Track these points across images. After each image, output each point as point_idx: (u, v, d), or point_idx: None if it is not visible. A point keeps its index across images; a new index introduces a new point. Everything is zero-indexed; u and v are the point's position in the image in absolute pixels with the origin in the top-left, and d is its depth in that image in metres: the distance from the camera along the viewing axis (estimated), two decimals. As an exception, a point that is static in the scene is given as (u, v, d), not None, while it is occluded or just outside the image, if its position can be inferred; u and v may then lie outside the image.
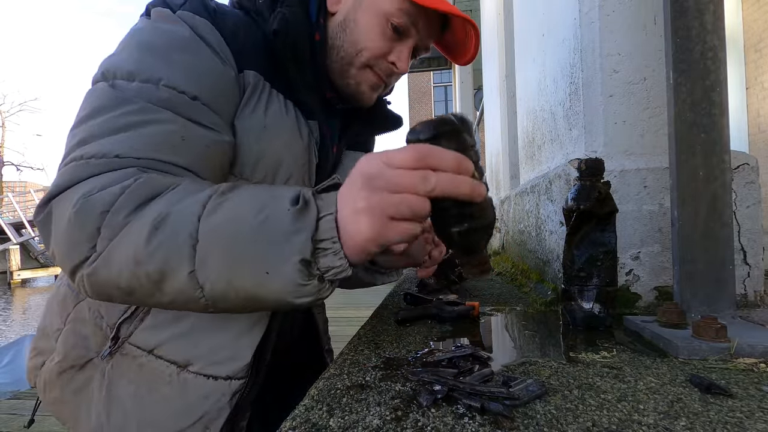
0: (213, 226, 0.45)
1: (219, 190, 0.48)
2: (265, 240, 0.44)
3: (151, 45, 0.56)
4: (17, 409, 3.27)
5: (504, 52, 2.56)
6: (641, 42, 0.91)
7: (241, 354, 0.62)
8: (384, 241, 0.43)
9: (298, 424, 0.40)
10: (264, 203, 0.45)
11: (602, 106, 0.92)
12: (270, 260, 0.44)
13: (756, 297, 0.84)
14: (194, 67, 0.56)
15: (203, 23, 0.59)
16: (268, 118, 0.63)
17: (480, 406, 0.40)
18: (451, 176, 0.41)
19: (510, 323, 0.79)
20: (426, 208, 0.42)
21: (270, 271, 0.44)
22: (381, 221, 0.42)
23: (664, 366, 0.53)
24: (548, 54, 1.24)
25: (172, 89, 0.54)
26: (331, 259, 0.44)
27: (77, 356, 0.63)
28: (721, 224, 0.72)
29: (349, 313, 5.37)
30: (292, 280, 0.44)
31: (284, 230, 0.43)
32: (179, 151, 0.53)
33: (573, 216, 0.71)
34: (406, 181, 0.41)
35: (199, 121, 0.55)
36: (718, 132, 0.72)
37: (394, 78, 0.74)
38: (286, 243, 0.43)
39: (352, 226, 0.43)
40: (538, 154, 1.42)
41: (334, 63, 0.70)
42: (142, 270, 0.45)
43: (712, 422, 0.39)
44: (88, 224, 0.46)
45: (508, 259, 1.67)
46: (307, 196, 0.46)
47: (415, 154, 0.42)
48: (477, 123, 5.07)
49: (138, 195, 0.47)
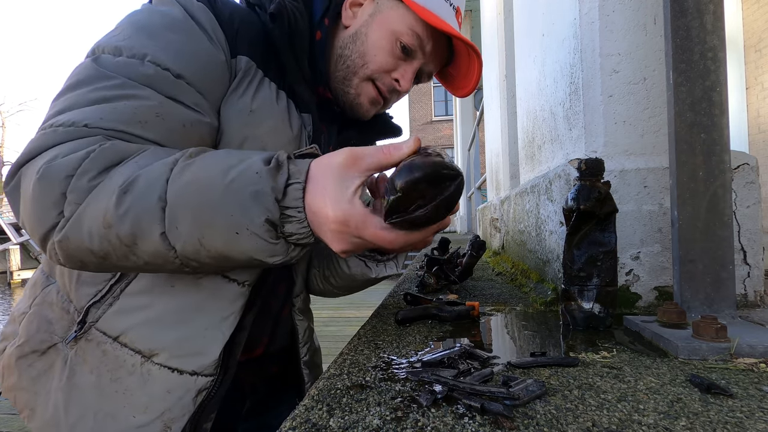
0: (181, 187, 0.45)
1: (187, 153, 0.49)
2: (233, 200, 0.45)
3: (142, 24, 0.56)
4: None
5: (504, 52, 2.56)
6: (641, 42, 0.91)
7: (209, 349, 0.60)
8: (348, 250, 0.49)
9: (298, 424, 0.40)
10: (232, 164, 0.47)
11: (602, 106, 0.92)
12: (238, 220, 0.45)
13: (756, 297, 0.84)
14: (183, 47, 0.56)
15: (199, 7, 0.59)
16: (255, 102, 0.63)
17: (480, 406, 0.40)
18: None
19: (510, 323, 0.79)
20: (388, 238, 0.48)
21: (240, 231, 0.46)
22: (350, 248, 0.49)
23: (664, 366, 0.53)
24: (548, 54, 1.24)
25: (157, 65, 0.54)
26: (296, 226, 0.47)
27: (40, 340, 0.62)
28: (721, 224, 0.72)
29: (349, 313, 5.37)
30: (262, 239, 0.46)
31: (253, 190, 0.45)
32: (150, 127, 0.53)
33: (573, 216, 0.71)
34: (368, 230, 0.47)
35: (180, 100, 0.55)
36: (718, 132, 0.72)
37: (395, 96, 0.75)
38: (255, 203, 0.45)
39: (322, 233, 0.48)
40: (538, 154, 1.42)
41: (339, 71, 0.71)
42: (113, 233, 0.46)
43: (712, 422, 0.39)
44: (53, 190, 0.46)
45: (508, 259, 1.67)
46: (281, 159, 0.47)
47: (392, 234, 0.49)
48: (477, 123, 5.07)
49: (103, 159, 0.47)
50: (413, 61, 0.71)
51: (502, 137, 2.60)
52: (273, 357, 0.80)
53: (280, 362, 0.83)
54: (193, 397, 0.59)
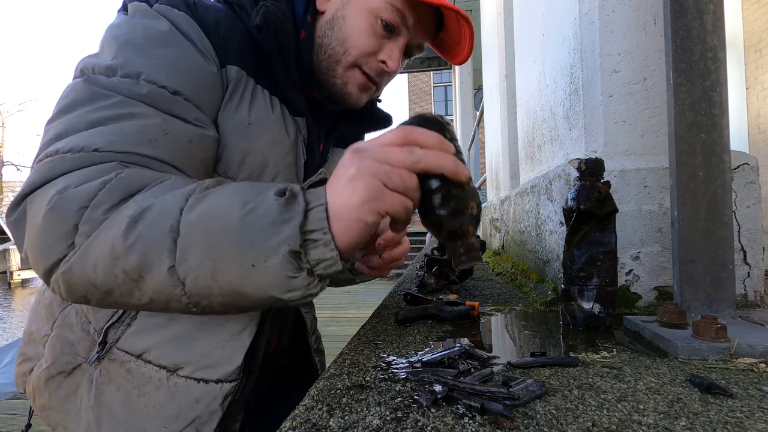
0: (196, 218, 0.43)
1: (204, 184, 0.47)
2: (251, 231, 0.42)
3: (129, 40, 0.54)
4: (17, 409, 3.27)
5: (504, 52, 2.56)
6: (641, 42, 0.91)
7: (232, 357, 0.61)
8: (379, 207, 0.42)
9: (298, 424, 0.40)
10: (249, 196, 0.44)
11: (602, 106, 0.92)
12: (256, 252, 0.42)
13: (756, 297, 0.84)
14: (175, 62, 0.55)
15: (182, 17, 0.57)
16: (253, 115, 0.62)
17: (480, 406, 0.40)
18: (436, 152, 0.43)
19: (510, 323, 0.79)
20: (414, 182, 0.43)
21: (256, 264, 0.42)
22: (376, 184, 0.41)
23: (664, 366, 0.53)
24: (548, 54, 1.24)
25: (153, 84, 0.52)
26: (322, 251, 0.42)
27: (65, 362, 0.62)
28: (721, 224, 0.72)
29: (349, 313, 5.37)
30: (281, 272, 0.42)
31: (271, 220, 0.42)
32: (161, 146, 0.52)
33: (573, 216, 0.71)
34: (394, 153, 0.42)
35: (181, 116, 0.54)
36: (718, 132, 0.72)
37: (386, 78, 0.71)
38: (274, 233, 0.42)
39: (347, 194, 0.42)
40: (538, 154, 1.42)
41: (322, 62, 0.68)
42: (120, 266, 0.43)
43: (712, 422, 0.39)
44: (65, 222, 0.44)
45: (508, 259, 1.67)
46: (294, 189, 0.44)
47: (400, 132, 0.44)
48: (477, 123, 5.07)
49: (120, 189, 0.45)
50: (398, 38, 0.66)
51: (502, 137, 2.60)
52: (282, 351, 0.82)
53: (288, 354, 0.85)
54: (220, 403, 0.60)
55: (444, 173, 0.43)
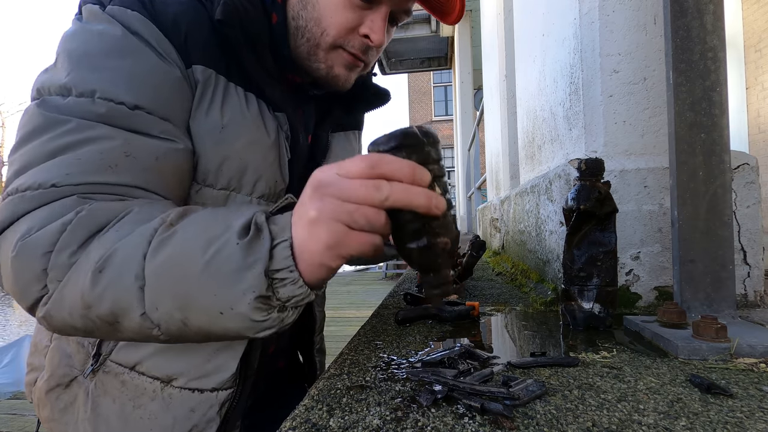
0: (159, 266, 0.42)
1: (168, 219, 0.44)
2: (215, 279, 0.40)
3: (82, 52, 0.50)
4: (17, 409, 3.27)
5: (504, 52, 2.56)
6: (641, 42, 0.91)
7: (226, 365, 0.59)
8: (344, 252, 0.40)
9: (298, 424, 0.40)
10: (213, 236, 0.42)
11: (602, 106, 0.92)
12: (223, 300, 0.41)
13: (756, 297, 0.84)
14: (132, 72, 0.51)
15: (136, 18, 0.52)
16: (226, 116, 0.57)
17: (480, 406, 0.40)
18: (406, 186, 0.39)
19: (510, 323, 0.79)
20: (381, 220, 0.39)
21: (224, 312, 0.41)
22: (338, 229, 0.39)
23: (664, 366, 0.53)
24: (548, 54, 1.24)
25: (109, 101, 0.49)
26: (290, 288, 0.41)
27: (62, 374, 0.62)
28: (721, 224, 0.72)
29: (349, 313, 5.37)
30: (249, 317, 0.41)
31: (235, 267, 0.40)
32: (123, 170, 0.48)
33: (573, 216, 0.71)
34: (359, 190, 0.38)
35: (145, 132, 0.51)
36: (718, 132, 0.72)
37: (372, 53, 0.64)
38: (238, 281, 0.40)
39: (309, 240, 0.40)
40: (538, 154, 1.42)
41: (301, 47, 0.62)
42: (94, 313, 0.43)
43: (712, 422, 0.39)
44: (33, 268, 0.43)
45: (508, 259, 1.67)
46: (259, 222, 0.42)
47: (368, 162, 0.39)
48: (477, 123, 5.06)
49: (82, 229, 0.43)
50: (380, 7, 0.59)
51: (502, 137, 2.61)
52: (281, 352, 0.80)
53: (287, 355, 0.84)
54: (217, 411, 0.60)
55: (415, 210, 0.39)
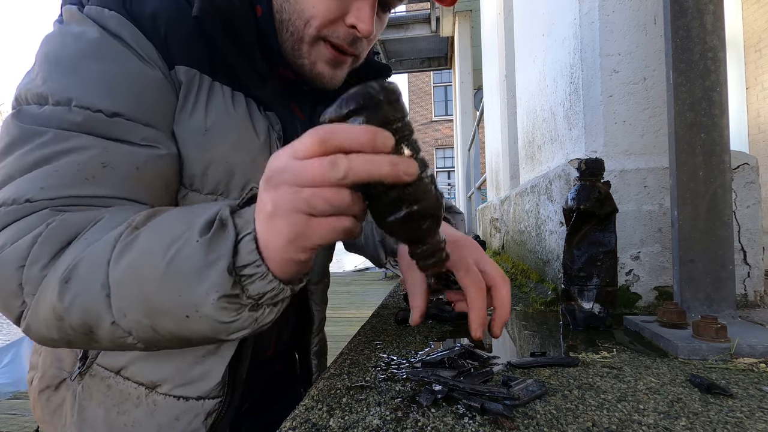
0: (122, 272, 0.40)
1: (134, 223, 0.43)
2: (175, 281, 0.39)
3: (59, 57, 0.48)
4: (17, 409, 3.27)
5: (504, 52, 2.56)
6: (641, 42, 0.91)
7: (211, 373, 0.57)
8: (308, 243, 0.36)
9: (298, 424, 0.40)
10: (175, 236, 0.40)
11: (602, 106, 0.92)
12: (186, 303, 0.39)
13: (756, 297, 0.84)
14: (109, 77, 0.48)
15: (114, 18, 0.50)
16: (210, 118, 0.55)
17: (480, 406, 0.40)
18: (366, 157, 0.34)
19: (510, 323, 0.79)
20: (345, 199, 0.35)
21: (189, 315, 0.39)
22: (298, 220, 0.35)
23: (664, 366, 0.53)
24: (548, 54, 1.24)
25: (86, 109, 0.47)
26: (260, 284, 0.38)
27: (52, 376, 0.61)
28: (721, 224, 0.72)
29: (349, 313, 5.37)
30: (217, 319, 0.39)
31: (196, 266, 0.38)
32: (100, 181, 0.47)
33: (573, 216, 0.71)
34: (313, 171, 0.34)
35: (125, 139, 0.49)
36: (718, 132, 0.72)
37: (362, 45, 0.59)
38: (200, 280, 0.38)
39: (270, 234, 0.37)
40: (538, 154, 1.42)
41: (286, 42, 0.58)
42: (67, 324, 0.42)
43: (712, 422, 0.39)
44: (10, 283, 0.43)
45: (508, 259, 1.67)
46: (224, 217, 0.40)
47: (318, 136, 0.34)
48: (477, 123, 5.07)
49: (52, 241, 0.43)
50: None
51: (502, 137, 2.61)
52: (279, 355, 0.79)
53: (285, 358, 0.82)
54: (203, 420, 0.58)
55: (381, 180, 0.35)
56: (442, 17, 6.59)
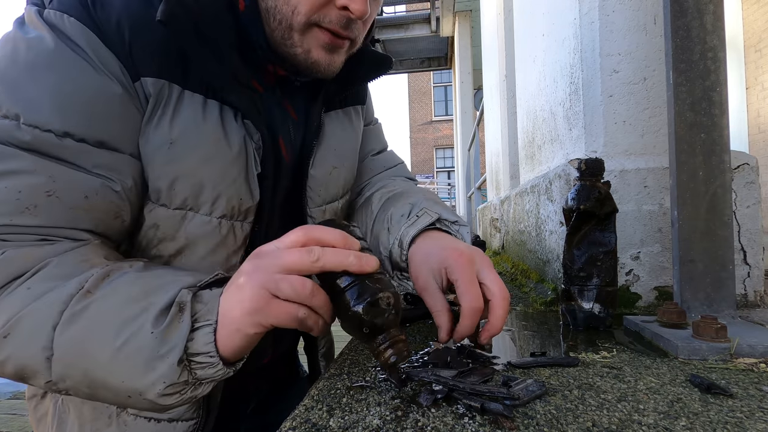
0: (69, 341, 0.40)
1: (86, 285, 0.42)
2: (123, 368, 0.40)
3: (9, 64, 0.44)
4: (17, 409, 3.27)
5: (504, 52, 2.56)
6: (641, 42, 0.91)
7: None
8: (263, 320, 0.41)
9: (298, 424, 0.40)
10: (128, 317, 0.41)
11: (602, 106, 0.92)
12: (130, 388, 0.40)
13: (756, 297, 0.84)
14: (61, 91, 0.44)
15: (74, 26, 0.45)
16: (176, 130, 0.50)
17: (480, 406, 0.40)
18: (337, 249, 0.42)
19: (510, 323, 0.79)
20: (307, 289, 0.41)
21: (132, 396, 0.41)
22: (261, 295, 0.40)
23: (664, 366, 0.53)
24: (548, 54, 1.24)
25: (35, 128, 0.43)
26: (209, 371, 0.42)
27: None
28: (721, 224, 0.72)
29: (349, 313, 5.36)
30: (158, 403, 0.41)
31: (146, 357, 0.40)
32: (42, 212, 0.43)
33: (573, 216, 0.71)
34: (291, 255, 0.41)
35: (75, 164, 0.45)
36: (718, 132, 0.72)
37: (357, 27, 0.55)
38: (148, 371, 0.40)
39: (232, 304, 0.41)
40: (538, 154, 1.42)
41: (275, 32, 0.53)
42: (4, 371, 0.42)
43: (712, 422, 0.39)
44: None
45: (508, 259, 1.67)
46: (182, 302, 0.41)
47: (302, 230, 0.43)
48: (477, 123, 5.07)
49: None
50: None
51: (502, 137, 2.61)
52: (279, 360, 0.78)
53: (287, 364, 0.82)
54: None
55: (347, 269, 0.42)
56: (442, 17, 6.59)
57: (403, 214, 0.63)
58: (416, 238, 0.60)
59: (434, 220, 0.61)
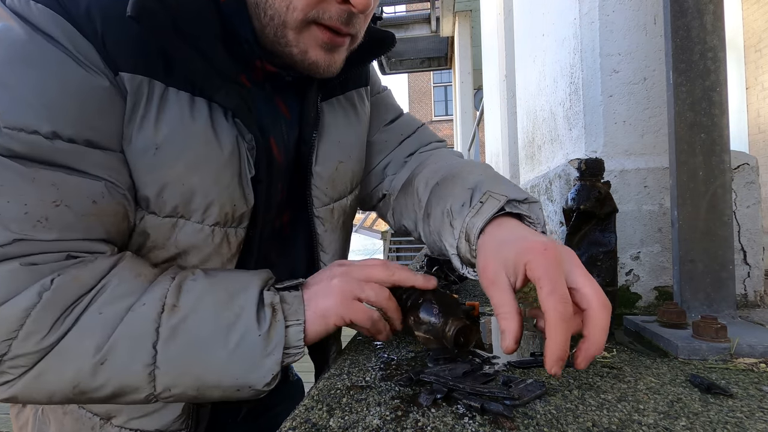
0: (176, 354, 0.44)
1: (167, 300, 0.44)
2: (239, 367, 0.46)
3: None
4: (17, 409, 3.27)
5: (504, 52, 2.56)
6: (641, 42, 0.91)
7: (171, 405, 0.54)
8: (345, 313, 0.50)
9: (298, 424, 0.40)
10: (230, 322, 0.46)
11: (602, 106, 0.92)
12: (243, 382, 0.46)
13: (756, 297, 0.84)
14: (46, 88, 0.40)
15: (44, 13, 0.40)
16: (161, 134, 0.46)
17: (480, 406, 0.40)
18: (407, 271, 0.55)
19: (510, 323, 0.79)
20: (385, 294, 0.53)
21: (241, 389, 0.47)
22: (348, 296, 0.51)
23: (664, 366, 0.53)
24: (548, 54, 1.24)
25: (19, 131, 0.39)
26: (295, 357, 0.49)
27: None
28: (721, 224, 0.72)
29: (349, 313, 5.36)
30: (263, 390, 0.47)
31: (258, 355, 0.46)
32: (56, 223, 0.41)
33: (573, 216, 0.71)
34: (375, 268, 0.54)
35: (73, 167, 0.42)
36: (718, 132, 0.72)
37: (359, 21, 0.50)
38: (260, 366, 0.46)
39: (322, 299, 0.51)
40: (538, 154, 1.42)
41: (266, 28, 0.49)
42: (87, 397, 0.43)
43: (712, 422, 0.39)
44: None
45: (508, 259, 1.67)
46: (274, 303, 0.48)
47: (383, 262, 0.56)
48: (477, 123, 5.07)
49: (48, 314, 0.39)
50: None
51: (502, 137, 2.61)
52: None
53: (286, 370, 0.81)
54: None
55: (414, 285, 0.54)
56: (442, 17, 6.59)
57: (464, 203, 0.53)
58: (485, 227, 0.50)
59: (503, 204, 0.51)
